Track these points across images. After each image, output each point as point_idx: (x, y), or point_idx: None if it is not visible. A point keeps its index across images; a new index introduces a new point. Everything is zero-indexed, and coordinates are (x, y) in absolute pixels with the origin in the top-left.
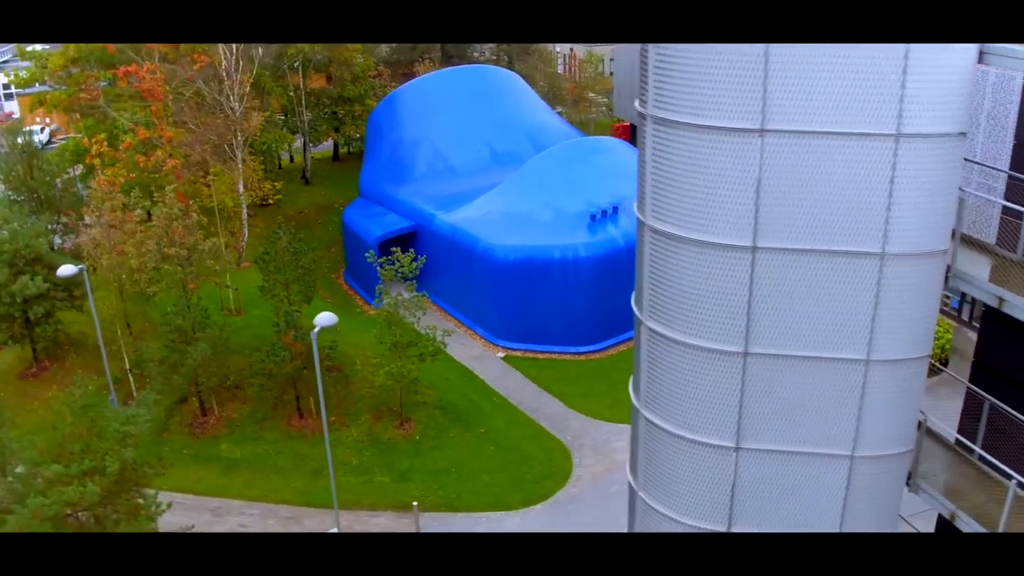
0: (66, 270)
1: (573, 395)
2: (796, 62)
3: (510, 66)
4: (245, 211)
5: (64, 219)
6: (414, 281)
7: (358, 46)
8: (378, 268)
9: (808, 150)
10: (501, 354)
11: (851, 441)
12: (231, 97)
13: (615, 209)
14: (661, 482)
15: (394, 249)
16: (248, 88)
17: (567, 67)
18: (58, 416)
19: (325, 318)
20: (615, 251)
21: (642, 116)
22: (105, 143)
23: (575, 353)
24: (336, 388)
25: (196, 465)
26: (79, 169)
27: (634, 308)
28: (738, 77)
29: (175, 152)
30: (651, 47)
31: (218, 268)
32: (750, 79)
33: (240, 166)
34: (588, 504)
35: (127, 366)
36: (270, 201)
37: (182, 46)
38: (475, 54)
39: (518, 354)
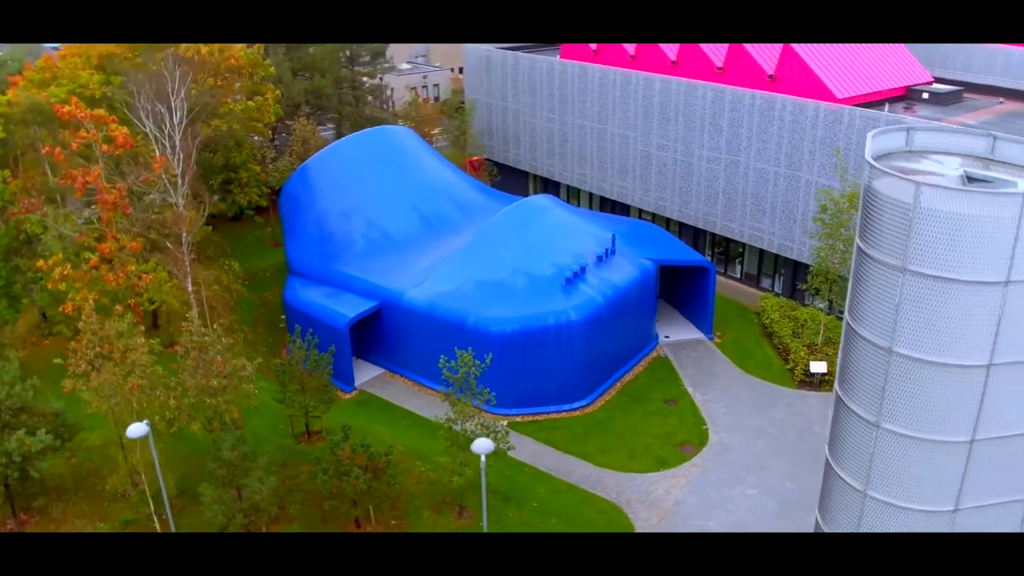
0: (136, 430)
1: (592, 453)
2: None
3: (357, 110)
4: (196, 311)
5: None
6: (474, 379)
7: (270, 119)
8: (446, 372)
9: None
10: (503, 422)
11: None
12: (172, 193)
13: (583, 269)
14: None
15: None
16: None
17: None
18: None
19: (484, 445)
20: (598, 310)
21: (877, 260)
22: (68, 265)
23: (570, 410)
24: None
25: None
26: None
27: (861, 412)
28: (991, 242)
29: (131, 262)
30: (915, 213)
31: (255, 391)
32: (1001, 243)
33: (187, 264)
34: None
35: (151, 508)
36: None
37: (135, 144)
38: (327, 101)
39: (519, 419)
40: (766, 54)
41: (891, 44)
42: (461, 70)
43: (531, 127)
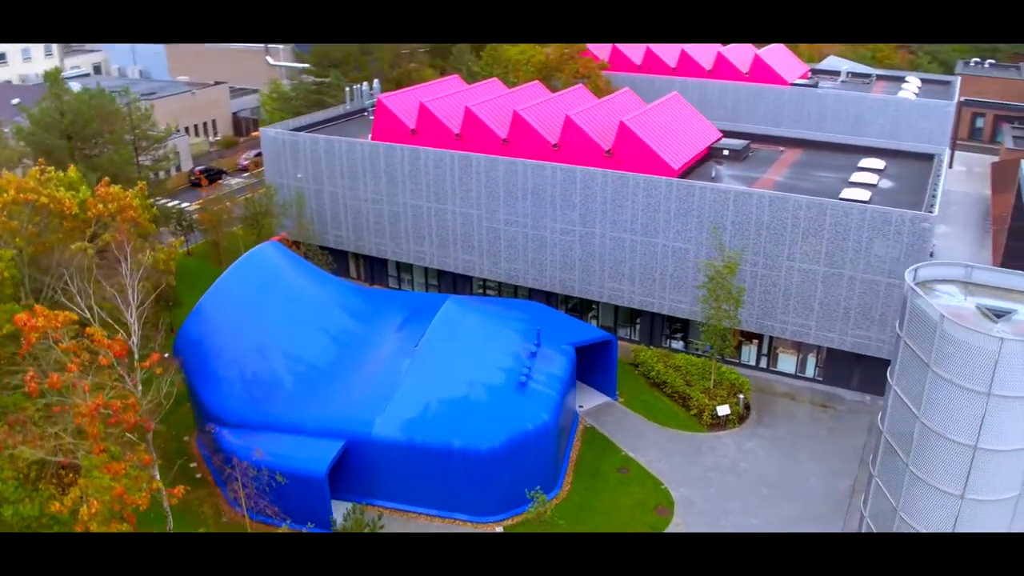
0: None
1: None
2: None
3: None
4: (167, 504)
5: None
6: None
7: (171, 265)
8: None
9: None
10: (499, 528)
11: None
12: (128, 380)
13: (530, 369)
14: None
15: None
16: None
17: None
18: None
19: None
20: (557, 404)
21: (962, 387)
22: (95, 501)
23: (549, 500)
24: None
25: None
26: None
27: (942, 487)
28: None
29: (155, 481)
30: (1000, 357)
31: None
32: None
33: (155, 456)
34: None
35: None
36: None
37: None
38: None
39: (509, 522)
40: (601, 132)
41: (687, 108)
42: (197, 130)
43: (355, 209)
